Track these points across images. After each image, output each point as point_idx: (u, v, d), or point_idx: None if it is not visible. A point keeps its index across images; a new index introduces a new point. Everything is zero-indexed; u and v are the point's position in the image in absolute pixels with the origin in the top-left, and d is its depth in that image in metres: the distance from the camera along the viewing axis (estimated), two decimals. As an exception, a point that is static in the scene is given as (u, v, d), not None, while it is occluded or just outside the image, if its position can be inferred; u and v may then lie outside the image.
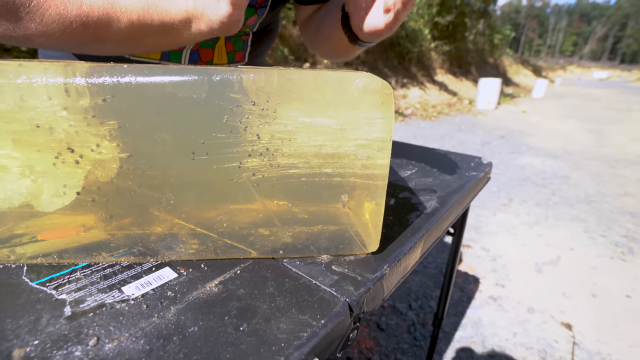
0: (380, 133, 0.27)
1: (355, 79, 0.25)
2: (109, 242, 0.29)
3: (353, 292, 0.26)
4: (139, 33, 0.35)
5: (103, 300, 0.24)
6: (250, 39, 0.53)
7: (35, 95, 0.25)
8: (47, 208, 0.28)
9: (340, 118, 0.26)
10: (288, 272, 0.28)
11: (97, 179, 0.28)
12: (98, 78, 0.24)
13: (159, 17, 0.35)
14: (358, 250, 0.31)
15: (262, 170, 0.28)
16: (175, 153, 0.27)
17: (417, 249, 0.34)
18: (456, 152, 0.66)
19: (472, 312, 1.25)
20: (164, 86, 0.24)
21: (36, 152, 0.26)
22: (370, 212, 0.30)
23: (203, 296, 0.25)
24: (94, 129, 0.26)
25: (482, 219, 1.98)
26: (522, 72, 15.77)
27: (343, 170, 0.28)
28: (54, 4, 0.31)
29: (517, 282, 1.43)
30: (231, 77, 0.24)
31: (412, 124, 4.83)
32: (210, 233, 0.30)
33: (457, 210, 0.46)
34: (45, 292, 0.25)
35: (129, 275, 0.27)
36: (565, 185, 2.58)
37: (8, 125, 0.26)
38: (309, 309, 0.24)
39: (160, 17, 0.35)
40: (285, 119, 0.27)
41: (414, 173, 0.53)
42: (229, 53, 0.52)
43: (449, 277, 0.71)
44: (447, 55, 9.15)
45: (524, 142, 3.95)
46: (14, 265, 0.28)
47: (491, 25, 12.46)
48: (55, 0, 0.31)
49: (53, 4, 0.31)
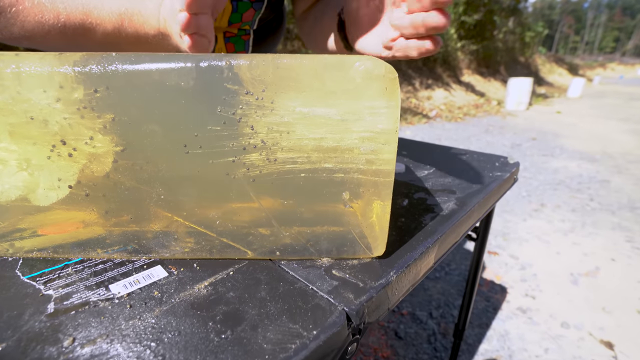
0: (386, 124, 0.24)
1: (356, 62, 0.23)
2: (104, 238, 0.28)
3: (353, 300, 0.23)
4: (116, 41, 0.36)
5: (88, 298, 0.23)
6: (251, 39, 0.52)
7: (29, 86, 0.24)
8: (43, 202, 0.27)
9: (341, 107, 0.24)
10: (284, 275, 0.26)
11: (93, 173, 0.27)
12: (88, 67, 0.23)
13: (133, 30, 0.35)
14: (362, 254, 0.28)
15: (259, 165, 0.26)
16: (168, 146, 0.25)
17: (430, 254, 0.31)
18: (479, 152, 0.61)
19: (499, 323, 1.17)
20: (150, 74, 0.23)
21: (32, 145, 0.26)
22: (375, 212, 0.27)
23: (190, 298, 0.23)
24: (87, 121, 0.25)
25: (510, 224, 1.87)
26: (557, 70, 14.93)
27: (346, 165, 0.26)
28: (32, 12, 0.33)
29: (549, 293, 1.33)
30: (220, 63, 0.22)
31: (436, 125, 4.69)
32: (206, 230, 0.28)
33: (479, 214, 0.42)
34: (34, 286, 0.24)
35: (119, 272, 0.26)
36: (605, 191, 2.39)
37: (4, 118, 0.25)
38: (301, 317, 0.21)
39: (135, 30, 0.35)
40: (282, 110, 0.25)
41: (432, 173, 0.50)
42: None
43: (471, 286, 0.66)
44: (474, 55, 8.83)
45: (558, 144, 3.72)
46: (10, 258, 0.27)
47: (522, 23, 11.91)
48: (33, 9, 0.32)
49: (32, 12, 0.33)
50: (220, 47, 0.49)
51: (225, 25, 0.47)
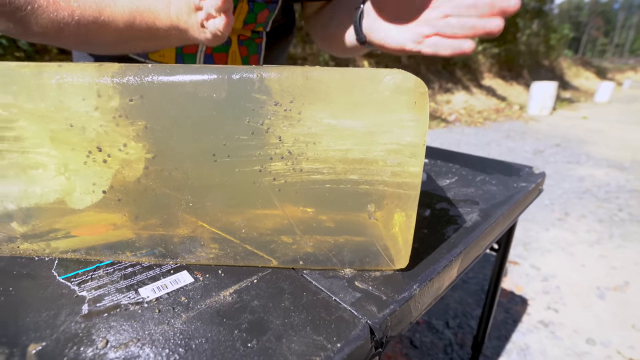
0: (413, 137, 0.24)
1: (386, 76, 0.23)
2: (134, 242, 0.29)
3: (376, 313, 0.23)
4: (128, 37, 0.37)
5: (119, 301, 0.24)
6: (264, 42, 0.52)
7: (70, 95, 0.26)
8: (78, 205, 0.28)
9: (368, 120, 0.24)
10: (307, 285, 0.26)
11: (124, 178, 0.28)
12: (126, 78, 0.24)
13: (145, 26, 0.36)
14: (385, 266, 0.28)
15: (284, 174, 0.26)
16: (197, 154, 0.26)
17: (454, 267, 0.30)
18: (503, 161, 0.60)
19: (519, 337, 1.13)
20: (184, 85, 0.23)
21: (70, 150, 0.27)
22: (400, 225, 0.27)
23: (216, 305, 0.23)
24: (122, 129, 0.26)
25: (532, 233, 1.81)
26: (583, 74, 14.36)
27: (371, 177, 0.26)
28: (47, 9, 0.33)
29: (574, 307, 1.27)
30: (251, 75, 0.23)
31: (455, 130, 4.60)
32: (231, 237, 0.29)
33: (502, 226, 0.41)
34: (69, 287, 0.25)
35: (148, 276, 0.27)
36: (635, 201, 2.28)
37: (47, 124, 0.27)
38: (325, 328, 0.21)
39: (146, 26, 0.36)
40: (309, 121, 0.25)
41: (454, 182, 0.49)
42: (243, 57, 0.51)
43: (492, 298, 0.65)
44: (495, 58, 8.62)
45: (584, 151, 3.57)
46: (47, 258, 0.29)
47: (547, 25, 11.54)
48: (49, 7, 0.33)
49: (47, 9, 0.33)
50: (234, 49, 0.50)
51: (240, 27, 0.48)
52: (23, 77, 0.25)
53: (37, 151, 0.28)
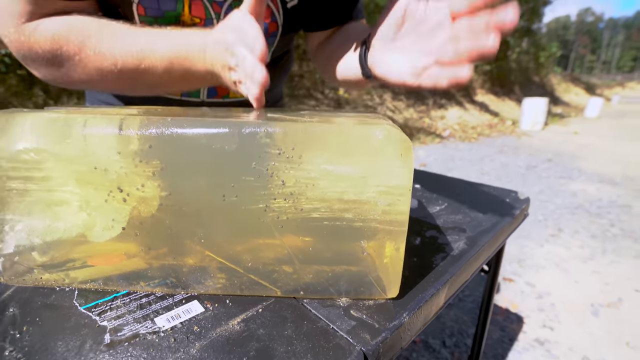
0: (401, 181, 0.27)
1: (377, 130, 0.26)
2: (147, 272, 0.32)
3: (369, 340, 0.26)
4: (167, 82, 0.40)
5: (137, 330, 0.26)
6: None
7: (96, 142, 0.29)
8: (98, 239, 0.31)
9: (361, 166, 0.27)
10: (307, 313, 0.29)
11: (140, 213, 0.31)
12: (147, 130, 0.28)
13: (182, 70, 0.38)
14: (378, 295, 0.30)
15: (286, 212, 0.29)
16: (208, 194, 0.29)
17: (441, 295, 0.33)
18: (490, 186, 0.63)
19: (515, 355, 1.14)
20: (199, 138, 0.27)
21: (93, 189, 0.30)
22: (390, 257, 0.30)
23: (225, 334, 0.26)
24: (140, 170, 0.29)
25: (526, 250, 1.84)
26: (573, 90, 14.74)
27: (364, 215, 0.29)
28: (93, 59, 0.37)
29: (569, 324, 1.29)
30: (259, 130, 0.26)
31: (450, 145, 4.68)
32: (237, 267, 0.32)
33: (488, 252, 0.44)
34: (91, 317, 0.28)
35: (162, 306, 0.29)
36: (627, 216, 2.32)
37: (73, 166, 0.30)
38: (324, 355, 0.24)
39: (184, 70, 0.38)
40: (309, 166, 0.28)
41: (443, 209, 0.52)
42: None
43: (484, 318, 0.67)
44: (487, 75, 8.86)
45: (576, 166, 3.65)
46: (67, 288, 0.31)
47: (536, 43, 11.93)
48: (94, 57, 0.37)
49: (92, 59, 0.37)
50: None
51: None
52: (55, 126, 0.28)
53: (62, 189, 0.31)
